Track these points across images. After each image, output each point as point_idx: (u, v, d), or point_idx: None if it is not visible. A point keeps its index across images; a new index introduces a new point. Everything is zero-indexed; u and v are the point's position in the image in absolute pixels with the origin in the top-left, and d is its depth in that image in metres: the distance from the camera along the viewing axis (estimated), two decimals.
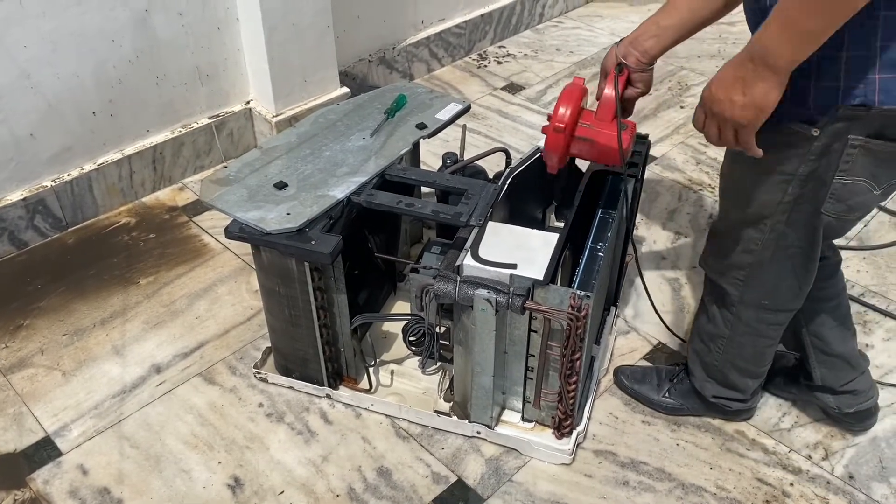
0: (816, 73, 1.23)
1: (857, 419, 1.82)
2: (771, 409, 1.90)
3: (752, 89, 1.16)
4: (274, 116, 2.67)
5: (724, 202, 1.56)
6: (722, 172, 1.55)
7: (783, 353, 1.87)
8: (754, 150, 1.26)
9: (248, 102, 2.74)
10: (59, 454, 1.81)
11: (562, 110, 1.53)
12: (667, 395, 1.88)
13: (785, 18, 1.10)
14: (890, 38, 1.16)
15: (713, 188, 2.63)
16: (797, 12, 1.08)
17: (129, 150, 2.51)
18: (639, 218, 2.44)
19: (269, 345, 1.94)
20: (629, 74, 1.55)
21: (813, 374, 1.78)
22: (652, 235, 2.44)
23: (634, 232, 2.29)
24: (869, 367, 1.80)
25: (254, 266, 1.77)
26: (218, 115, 2.68)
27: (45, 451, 1.82)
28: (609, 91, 1.54)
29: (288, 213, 1.64)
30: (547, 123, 1.56)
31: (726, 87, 1.19)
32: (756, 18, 1.26)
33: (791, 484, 1.74)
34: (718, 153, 2.80)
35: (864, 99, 1.21)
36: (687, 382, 1.86)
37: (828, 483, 1.74)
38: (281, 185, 1.72)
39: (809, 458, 1.80)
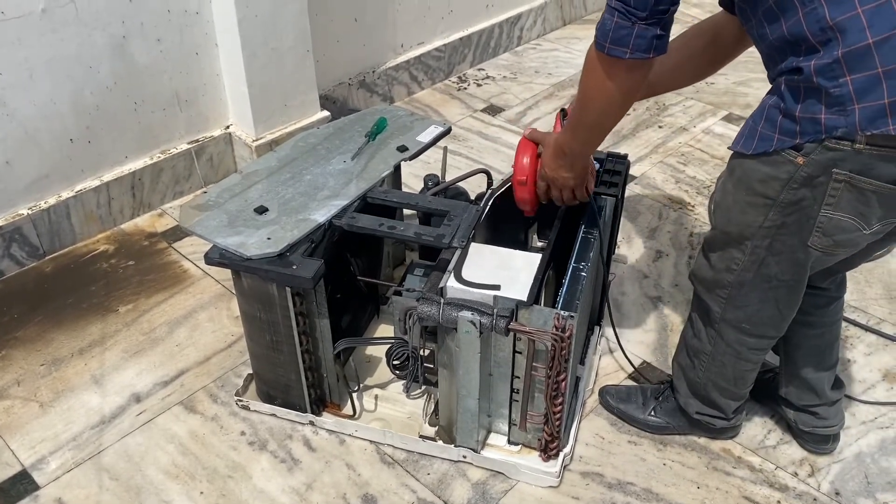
0: (803, 104, 1.27)
1: (813, 440, 1.82)
2: (756, 426, 1.90)
3: (573, 168, 1.61)
4: (254, 141, 2.66)
5: (714, 216, 1.57)
6: (717, 186, 1.57)
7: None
8: (585, 196, 1.69)
9: (228, 127, 2.73)
10: (37, 488, 1.77)
11: (521, 161, 1.67)
12: (652, 413, 1.87)
13: (570, 132, 1.55)
14: (856, 71, 1.20)
15: (693, 206, 2.65)
16: (570, 136, 1.54)
17: (108, 177, 2.49)
18: (620, 237, 2.45)
19: (251, 371, 1.92)
20: None
21: (779, 384, 1.81)
22: (633, 254, 2.44)
23: (616, 251, 2.29)
24: (841, 399, 1.81)
25: (234, 292, 1.75)
26: (197, 141, 2.67)
27: (21, 485, 1.78)
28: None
29: (268, 238, 1.63)
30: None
31: (557, 170, 1.62)
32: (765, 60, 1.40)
33: (778, 501, 1.74)
34: (697, 172, 2.83)
35: (846, 130, 1.23)
36: (672, 400, 1.85)
37: (814, 500, 1.74)
38: (261, 210, 1.71)
39: (796, 474, 1.80)
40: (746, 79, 3.34)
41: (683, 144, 2.99)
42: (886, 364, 2.07)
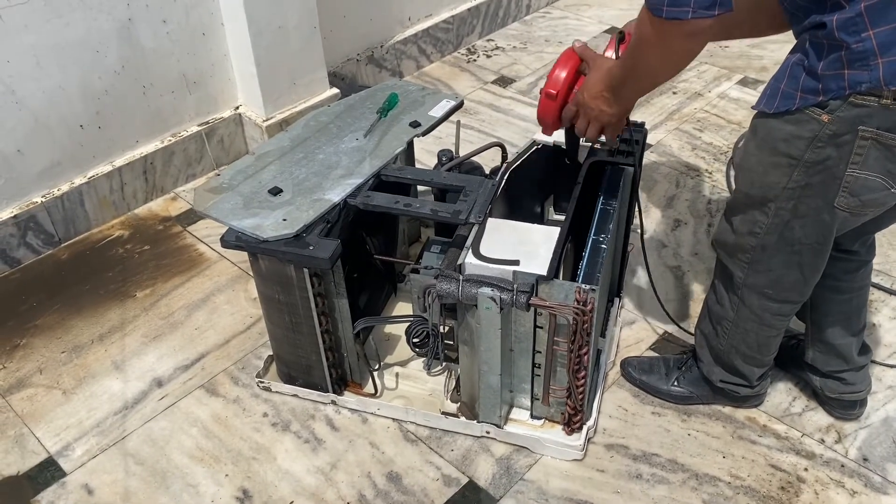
0: (826, 60, 1.23)
1: (840, 406, 1.81)
2: (781, 393, 1.88)
3: (614, 105, 1.47)
4: (264, 121, 2.64)
5: (737, 179, 1.54)
6: (739, 149, 1.54)
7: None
8: (613, 139, 1.60)
9: (238, 108, 2.71)
10: (63, 474, 1.78)
11: (557, 73, 1.53)
12: (676, 383, 1.86)
13: (623, 74, 1.40)
14: (878, 25, 1.17)
15: (710, 173, 2.61)
16: (623, 78, 1.40)
17: (119, 162, 2.48)
18: None
19: (271, 353, 1.92)
20: None
21: (805, 350, 1.79)
22: (651, 223, 2.42)
23: (634, 220, 2.26)
24: (868, 363, 1.78)
25: (251, 274, 1.75)
26: (207, 122, 2.65)
27: (48, 472, 1.79)
28: (610, 53, 1.54)
29: (284, 219, 1.62)
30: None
31: (596, 100, 1.47)
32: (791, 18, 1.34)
33: (805, 469, 1.73)
34: (714, 138, 2.78)
35: (871, 85, 1.20)
36: (695, 370, 1.84)
37: (842, 466, 1.73)
38: (276, 191, 1.70)
39: (822, 441, 1.78)
40: (761, 41, 3.28)
41: (699, 110, 2.94)
42: None
